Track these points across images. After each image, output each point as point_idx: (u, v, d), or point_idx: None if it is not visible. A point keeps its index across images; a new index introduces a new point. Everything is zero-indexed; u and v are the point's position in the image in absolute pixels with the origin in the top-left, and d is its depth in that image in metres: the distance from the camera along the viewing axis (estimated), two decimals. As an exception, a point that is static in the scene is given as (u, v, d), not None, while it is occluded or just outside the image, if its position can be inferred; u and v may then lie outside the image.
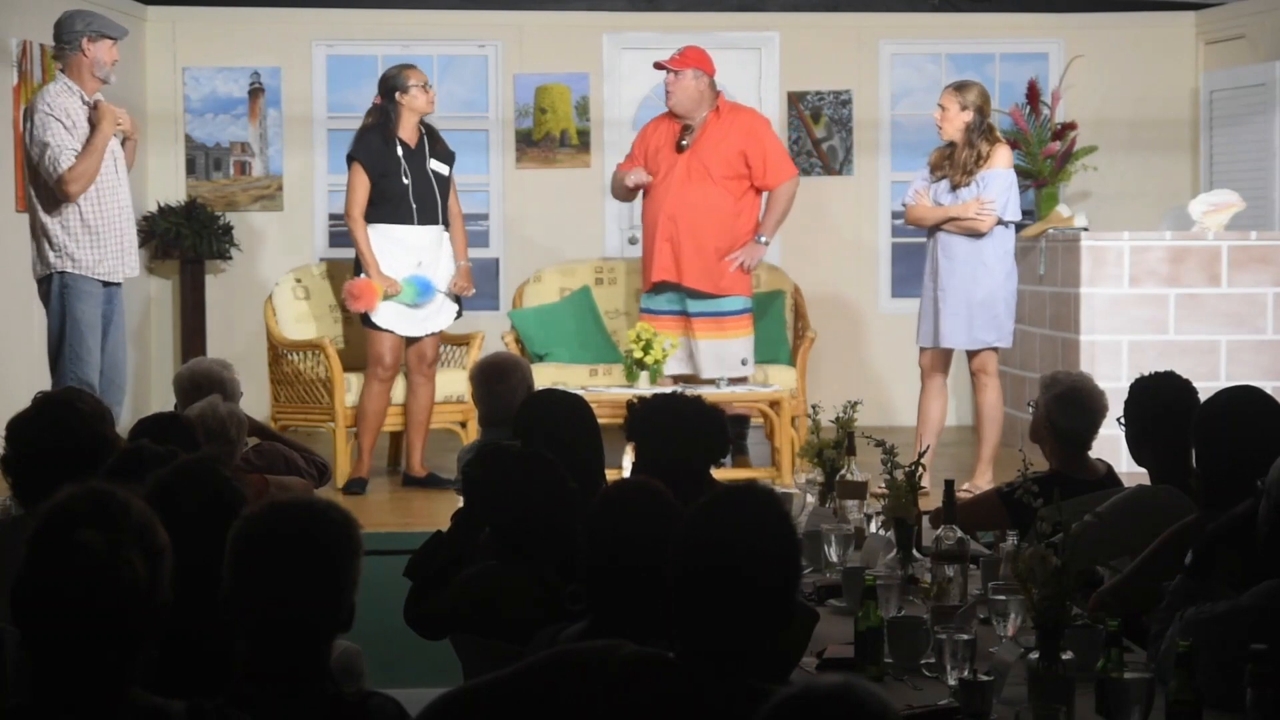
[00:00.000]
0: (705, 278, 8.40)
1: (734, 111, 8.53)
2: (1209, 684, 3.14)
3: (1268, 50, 10.27)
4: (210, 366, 5.80)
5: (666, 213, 8.38)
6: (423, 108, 8.26)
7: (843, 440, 5.14)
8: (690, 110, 8.41)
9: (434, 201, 8.29)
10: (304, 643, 2.72)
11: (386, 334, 8.30)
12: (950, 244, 8.02)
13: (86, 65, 7.34)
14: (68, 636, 2.46)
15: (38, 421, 4.12)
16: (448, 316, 8.45)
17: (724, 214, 8.39)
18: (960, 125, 7.97)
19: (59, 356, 7.27)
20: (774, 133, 8.63)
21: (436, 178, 8.32)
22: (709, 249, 8.38)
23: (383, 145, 8.24)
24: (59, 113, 7.20)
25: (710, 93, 8.45)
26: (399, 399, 8.56)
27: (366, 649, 3.92)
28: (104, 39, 7.36)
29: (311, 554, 2.72)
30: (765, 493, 2.86)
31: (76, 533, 2.46)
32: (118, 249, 7.38)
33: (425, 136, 8.34)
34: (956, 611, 3.82)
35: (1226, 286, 8.87)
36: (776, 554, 2.75)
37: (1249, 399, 4.07)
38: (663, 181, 8.42)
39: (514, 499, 3.89)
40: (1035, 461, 4.50)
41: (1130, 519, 4.40)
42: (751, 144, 8.41)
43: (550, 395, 4.88)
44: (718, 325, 8.47)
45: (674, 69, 8.41)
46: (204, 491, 3.27)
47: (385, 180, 8.22)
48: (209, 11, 10.72)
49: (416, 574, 4.09)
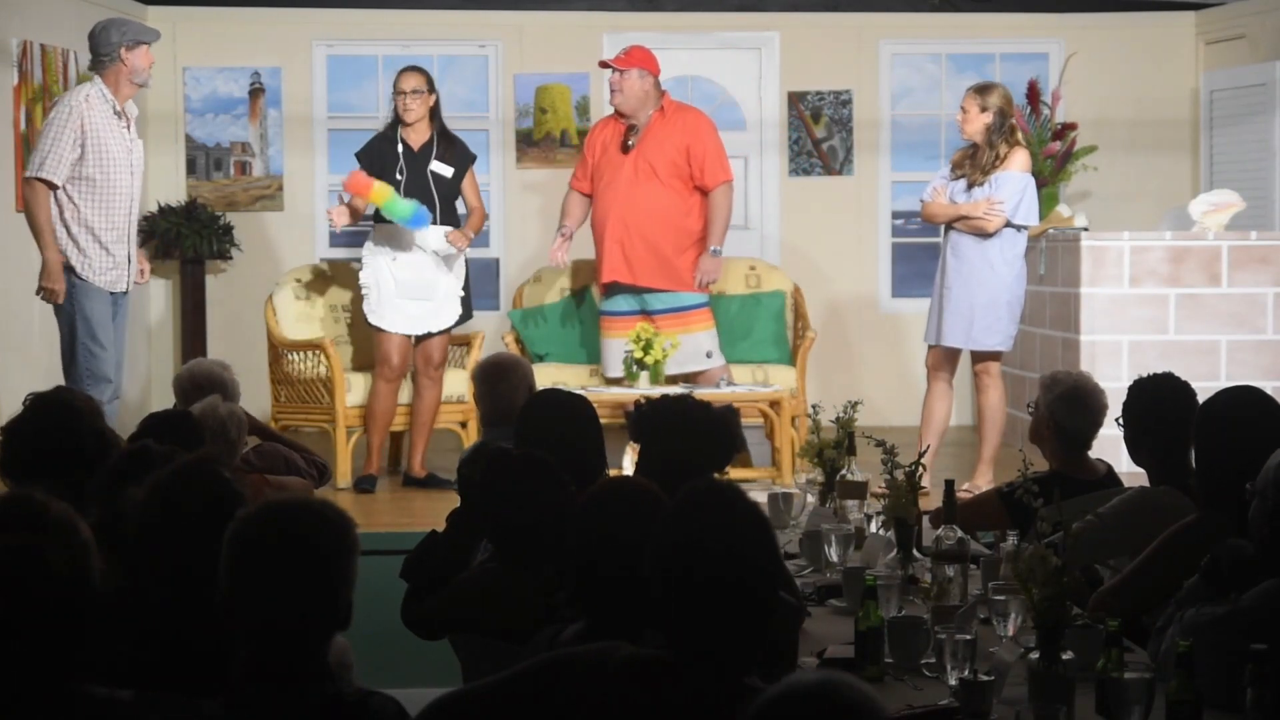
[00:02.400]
0: (661, 275, 8.41)
1: (679, 111, 8.54)
2: (1209, 684, 3.14)
3: (1268, 50, 10.27)
4: (210, 367, 5.81)
5: (616, 214, 8.41)
6: (401, 115, 8.33)
7: (843, 440, 5.14)
8: (635, 110, 8.44)
9: (430, 202, 8.28)
10: (302, 642, 2.73)
11: (392, 335, 8.32)
12: (960, 243, 8.02)
13: (125, 74, 7.35)
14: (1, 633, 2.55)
15: (37, 424, 4.11)
16: (450, 316, 8.45)
17: (673, 212, 8.40)
18: (980, 127, 7.97)
19: (73, 355, 7.28)
20: (717, 135, 8.56)
21: (436, 179, 8.32)
22: (660, 247, 8.39)
23: (384, 143, 8.36)
24: (80, 120, 7.19)
25: (655, 92, 8.47)
26: (404, 399, 8.58)
27: (366, 649, 3.92)
28: (140, 45, 7.38)
29: (306, 553, 2.74)
30: (731, 490, 2.86)
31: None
32: (124, 260, 7.40)
33: (436, 139, 8.36)
34: (957, 611, 3.83)
35: (1226, 286, 8.87)
36: (750, 550, 2.75)
37: (1249, 399, 4.07)
38: (610, 183, 8.44)
39: (511, 500, 3.88)
40: (1035, 461, 4.50)
41: (1130, 519, 4.41)
42: (694, 142, 8.42)
43: (553, 396, 4.86)
44: (680, 321, 8.47)
45: (619, 68, 8.44)
46: (203, 492, 3.27)
47: (382, 179, 8.25)
48: (209, 11, 10.72)
49: (413, 575, 4.09)
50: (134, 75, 7.37)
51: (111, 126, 7.29)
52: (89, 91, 7.31)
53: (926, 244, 10.40)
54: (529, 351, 9.19)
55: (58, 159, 7.20)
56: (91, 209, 7.28)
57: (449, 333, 8.52)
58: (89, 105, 7.25)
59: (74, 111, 7.22)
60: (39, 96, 9.00)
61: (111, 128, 7.29)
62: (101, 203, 7.29)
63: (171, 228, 10.36)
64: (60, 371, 7.44)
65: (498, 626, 3.70)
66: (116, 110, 7.32)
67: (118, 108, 7.33)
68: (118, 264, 7.37)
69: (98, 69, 7.38)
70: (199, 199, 10.64)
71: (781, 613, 3.01)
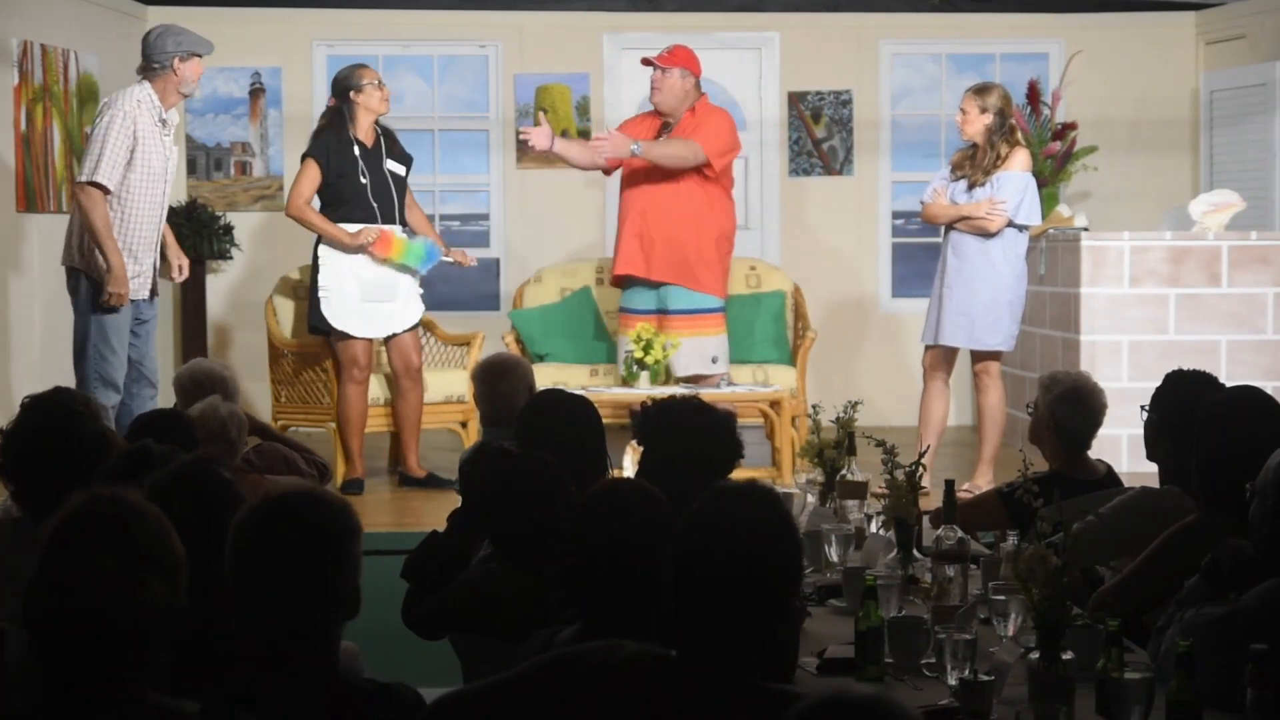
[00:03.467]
0: (676, 271, 8.35)
1: (708, 113, 8.48)
2: (1209, 684, 3.14)
3: (1268, 50, 10.27)
4: (211, 367, 5.81)
5: (637, 208, 8.36)
6: (376, 106, 8.20)
7: (843, 440, 5.14)
8: (674, 108, 8.39)
9: (391, 201, 8.23)
10: (309, 627, 2.74)
11: (358, 339, 8.22)
12: (961, 243, 8.02)
13: (174, 83, 7.31)
14: (81, 652, 2.48)
15: (37, 425, 4.10)
16: (413, 314, 8.34)
17: (694, 208, 8.34)
18: (980, 128, 7.97)
19: (83, 357, 7.26)
20: (725, 124, 8.36)
21: (393, 178, 8.27)
22: (679, 243, 8.34)
23: (338, 145, 8.16)
24: (133, 125, 7.14)
25: (695, 92, 8.43)
26: (378, 400, 8.50)
27: (366, 649, 3.92)
28: (194, 57, 7.34)
29: (308, 535, 2.75)
30: (767, 492, 2.85)
31: (93, 557, 2.48)
32: (149, 267, 7.39)
33: (381, 137, 8.30)
34: (957, 611, 3.83)
35: (1227, 286, 8.87)
36: (779, 554, 2.75)
37: (1249, 400, 4.07)
38: (636, 177, 8.40)
39: (512, 500, 3.89)
40: (1035, 461, 4.50)
41: (1132, 520, 4.41)
42: (701, 126, 8.32)
43: (554, 396, 4.86)
44: (693, 323, 8.43)
45: (662, 66, 8.40)
46: (202, 494, 3.27)
47: (342, 180, 8.15)
48: (209, 12, 10.71)
49: (414, 575, 4.09)
50: (182, 85, 7.35)
51: (155, 134, 7.26)
52: (140, 95, 7.25)
53: (926, 244, 10.40)
54: (529, 351, 9.19)
55: (112, 163, 7.13)
56: (127, 215, 7.23)
57: (416, 330, 8.46)
58: (139, 108, 7.21)
59: (128, 116, 7.16)
60: (39, 96, 9.00)
61: (155, 135, 7.26)
62: (136, 210, 7.25)
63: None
64: (62, 372, 7.43)
65: (498, 626, 3.70)
66: (161, 118, 7.29)
67: (163, 115, 7.29)
68: (143, 270, 7.35)
69: (148, 75, 7.31)
70: (199, 199, 10.64)
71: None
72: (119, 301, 7.21)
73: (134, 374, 7.38)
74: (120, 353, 7.26)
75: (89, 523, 2.53)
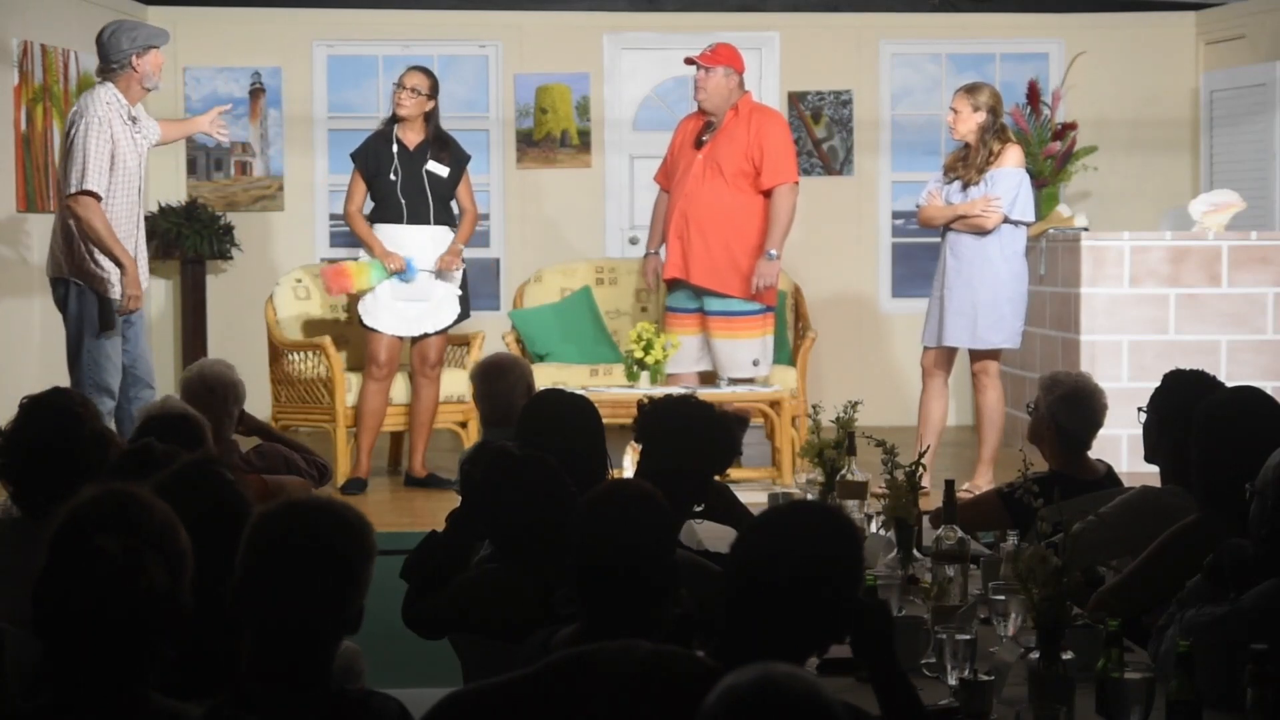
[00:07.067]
0: (712, 276, 8.34)
1: (753, 110, 8.43)
2: (1209, 684, 3.14)
3: (1268, 50, 10.28)
4: (219, 369, 5.79)
5: (680, 210, 8.35)
6: (397, 109, 8.29)
7: (843, 440, 5.14)
8: (718, 107, 8.36)
9: (424, 201, 8.27)
10: (310, 644, 2.72)
11: (383, 335, 8.32)
12: (958, 243, 8.02)
13: (136, 80, 7.29)
14: (86, 641, 2.48)
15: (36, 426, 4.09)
16: (447, 316, 8.43)
17: (734, 213, 8.31)
18: (973, 126, 7.98)
19: (77, 362, 7.25)
20: (785, 135, 8.45)
21: (431, 178, 8.30)
22: (717, 247, 8.32)
23: (379, 145, 8.32)
24: (109, 129, 7.13)
25: (738, 90, 8.40)
26: (402, 399, 8.58)
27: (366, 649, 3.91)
28: (151, 49, 7.33)
29: (327, 558, 2.71)
30: (832, 509, 2.99)
31: (95, 538, 2.48)
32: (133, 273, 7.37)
33: (431, 140, 8.33)
34: (957, 611, 3.82)
35: (1227, 286, 8.87)
36: (846, 569, 2.88)
37: (1249, 400, 4.07)
38: (681, 179, 8.40)
39: (511, 500, 3.88)
40: (1035, 461, 4.50)
41: (1131, 520, 4.41)
42: (761, 140, 8.32)
43: (555, 396, 4.85)
44: (728, 325, 8.42)
45: (705, 65, 8.36)
46: (205, 496, 3.26)
47: (377, 179, 8.29)
48: (209, 11, 10.72)
49: (413, 575, 4.09)
50: (145, 80, 7.32)
51: (127, 133, 7.25)
52: (104, 97, 7.22)
53: (926, 244, 10.39)
54: (529, 351, 9.19)
55: (98, 169, 7.11)
56: (112, 217, 7.19)
57: (446, 332, 8.50)
58: (107, 109, 7.19)
59: (102, 121, 7.13)
60: (39, 96, 9.00)
61: (127, 135, 7.24)
62: (117, 211, 7.23)
63: (172, 228, 10.36)
64: (62, 372, 7.42)
65: (498, 626, 3.70)
66: (131, 116, 7.28)
67: (131, 113, 7.29)
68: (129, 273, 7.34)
69: (108, 75, 7.28)
70: (199, 199, 10.64)
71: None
72: (135, 305, 7.21)
73: (129, 378, 7.37)
74: (114, 358, 7.25)
75: (95, 510, 2.53)
